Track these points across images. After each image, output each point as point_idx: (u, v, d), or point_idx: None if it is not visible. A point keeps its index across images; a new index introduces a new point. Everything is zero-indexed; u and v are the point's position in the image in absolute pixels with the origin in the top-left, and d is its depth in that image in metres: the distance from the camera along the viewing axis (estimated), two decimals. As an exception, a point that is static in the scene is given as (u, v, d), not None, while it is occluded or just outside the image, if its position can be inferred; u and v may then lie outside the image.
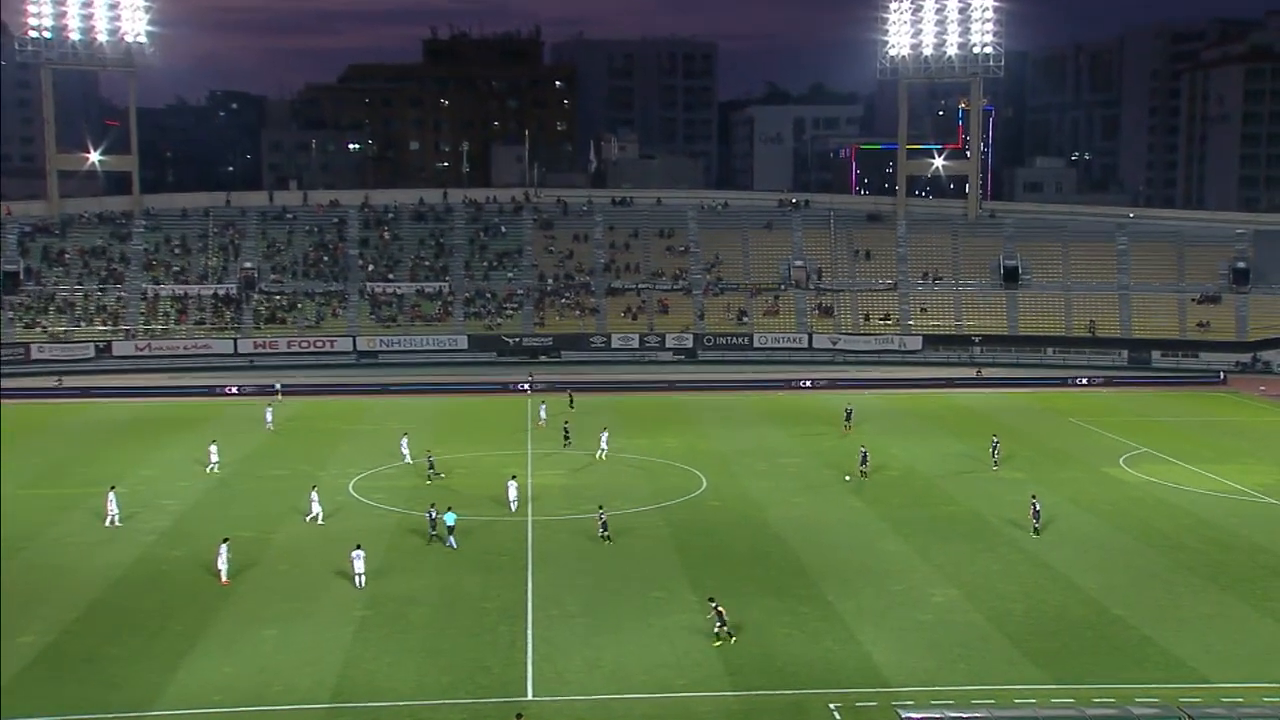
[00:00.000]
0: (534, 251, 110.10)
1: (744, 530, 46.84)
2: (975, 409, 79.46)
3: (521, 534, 45.82)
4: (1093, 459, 61.67)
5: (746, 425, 71.81)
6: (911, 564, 42.04)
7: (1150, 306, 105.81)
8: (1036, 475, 57.39)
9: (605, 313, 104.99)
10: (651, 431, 69.27)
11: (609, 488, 54.06)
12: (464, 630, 35.26)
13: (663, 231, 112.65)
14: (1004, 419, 74.10)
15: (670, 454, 62.07)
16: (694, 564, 41.76)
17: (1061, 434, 69.85)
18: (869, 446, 59.58)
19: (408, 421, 70.93)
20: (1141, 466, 59.61)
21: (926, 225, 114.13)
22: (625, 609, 36.81)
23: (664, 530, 46.74)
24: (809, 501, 51.92)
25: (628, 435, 68.26)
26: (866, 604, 37.59)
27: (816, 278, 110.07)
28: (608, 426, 60.64)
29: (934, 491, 54.05)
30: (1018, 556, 43.16)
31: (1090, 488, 54.98)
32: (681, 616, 36.17)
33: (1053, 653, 33.66)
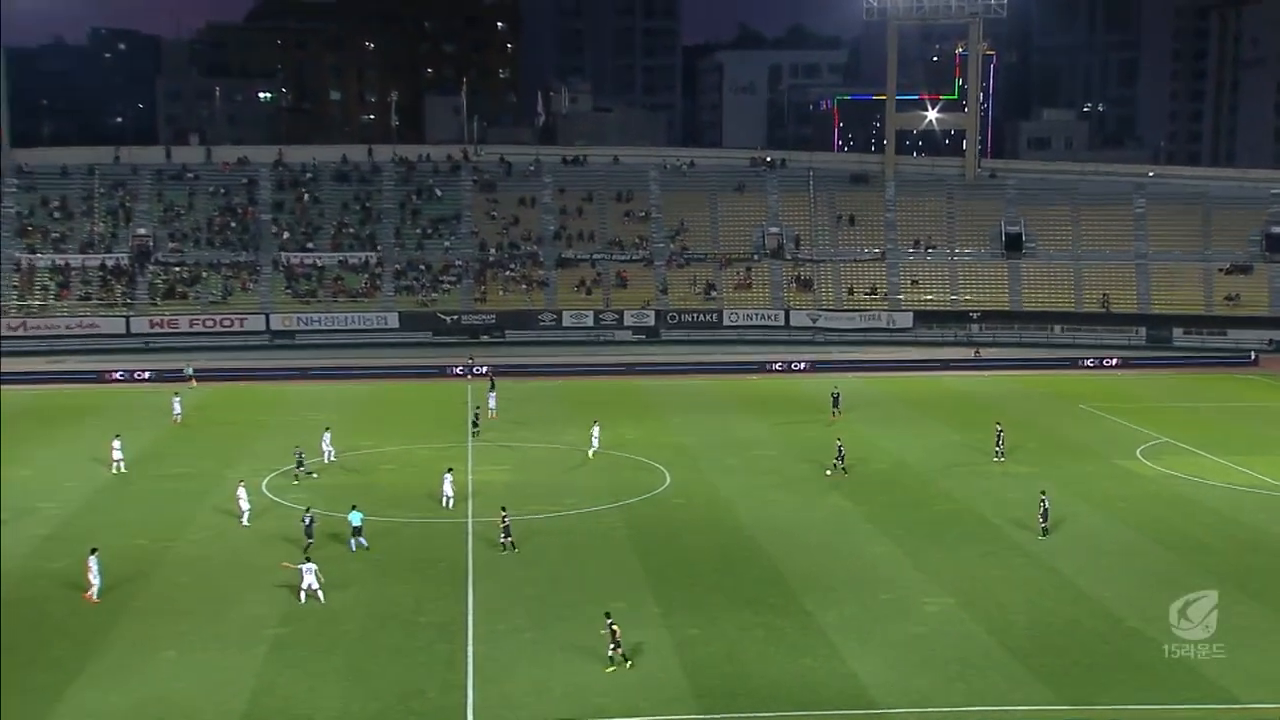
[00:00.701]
0: (474, 217, 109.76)
1: (712, 532, 46.92)
2: (973, 394, 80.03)
3: (461, 538, 45.65)
4: (1106, 450, 62.34)
5: (715, 413, 71.94)
6: (902, 570, 42.30)
7: (1172, 278, 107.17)
8: (1043, 469, 57.92)
9: (555, 287, 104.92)
10: (608, 421, 69.25)
11: (559, 484, 54.03)
12: (394, 649, 35.10)
13: (620, 194, 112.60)
14: (1005, 405, 74.72)
15: (629, 446, 62.03)
16: (657, 571, 41.80)
17: (1071, 422, 70.51)
18: (849, 438, 59.86)
19: (330, 411, 70.47)
20: (1161, 459, 60.33)
21: (918, 187, 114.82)
22: (580, 623, 36.76)
23: (622, 533, 46.77)
24: (786, 500, 52.11)
25: (581, 425, 68.20)
26: (851, 615, 37.78)
27: (794, 246, 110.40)
28: (599, 419, 60.37)
29: (927, 488, 54.40)
30: (1022, 561, 43.55)
31: (1103, 483, 55.58)
32: (644, 631, 36.17)
33: (1062, 670, 33.98)
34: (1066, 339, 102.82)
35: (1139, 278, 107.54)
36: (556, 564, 42.60)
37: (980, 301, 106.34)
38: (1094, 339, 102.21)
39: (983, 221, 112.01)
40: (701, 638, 35.39)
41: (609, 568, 42.25)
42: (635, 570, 41.90)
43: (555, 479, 55.36)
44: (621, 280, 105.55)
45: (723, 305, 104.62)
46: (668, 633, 35.92)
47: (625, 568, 42.18)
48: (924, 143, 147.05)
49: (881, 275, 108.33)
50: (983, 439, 62.09)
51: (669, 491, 53.40)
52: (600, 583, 40.59)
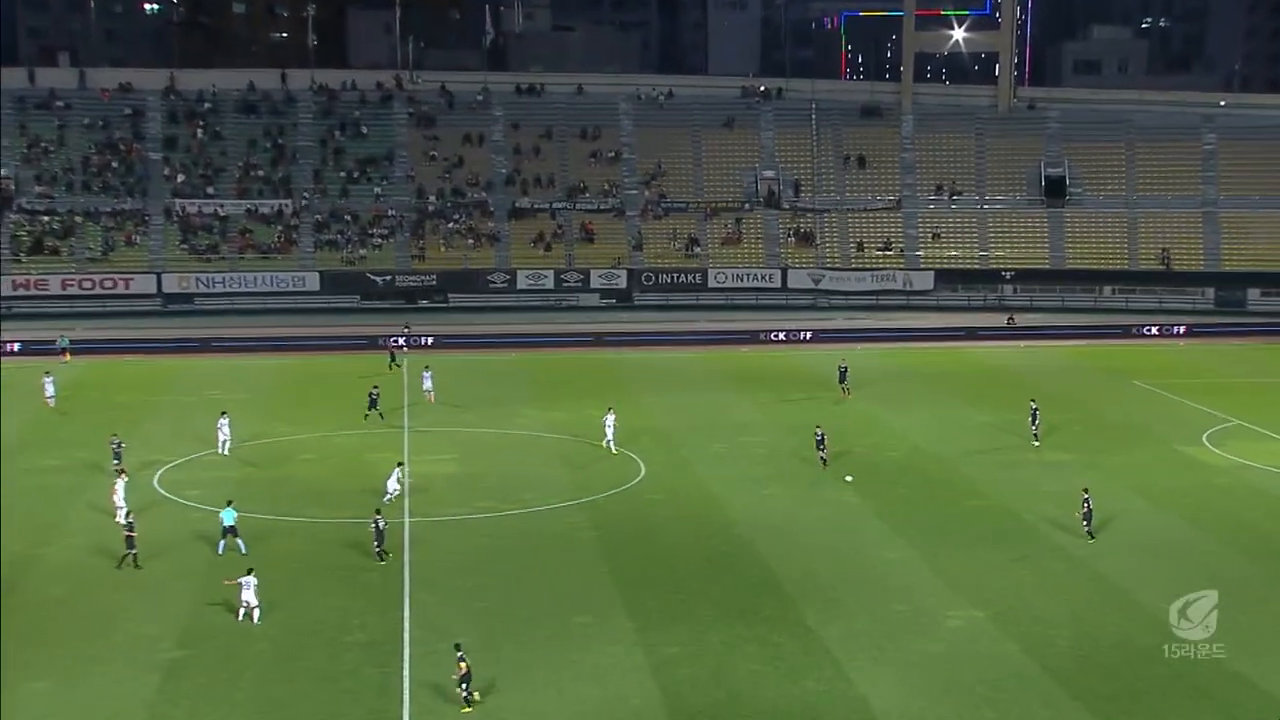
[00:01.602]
0: (409, 158, 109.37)
1: (697, 533, 47.04)
2: (1005, 369, 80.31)
3: (396, 541, 45.70)
4: (1165, 435, 62.74)
5: (699, 392, 71.99)
6: (920, 577, 42.52)
7: (1246, 228, 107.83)
8: (1088, 457, 58.21)
9: (508, 242, 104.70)
10: (571, 401, 69.20)
11: (513, 477, 54.04)
12: (316, 674, 35.07)
13: (585, 131, 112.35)
14: (1044, 382, 75.03)
15: (597, 431, 62.13)
16: (630, 578, 41.89)
17: (1123, 402, 70.88)
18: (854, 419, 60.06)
19: (236, 390, 70.22)
20: (1232, 444, 60.72)
21: (942, 121, 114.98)
22: (538, 640, 36.84)
23: (589, 534, 46.83)
24: (783, 494, 52.25)
25: (540, 406, 68.20)
26: (860, 630, 37.94)
27: (793, 194, 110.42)
28: (613, 407, 60.15)
29: (950, 480, 54.63)
30: (1063, 566, 43.83)
31: (1161, 473, 55.95)
32: (615, 649, 36.27)
33: (1110, 695, 34.24)
34: (1118, 303, 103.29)
35: (1207, 229, 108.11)
36: (510, 571, 42.62)
37: (1015, 259, 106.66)
38: (1152, 303, 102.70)
39: (1019, 163, 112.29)
40: (683, 656, 35.49)
41: (572, 575, 42.30)
42: (604, 578, 41.97)
43: (509, 471, 55.28)
44: (587, 234, 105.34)
45: (708, 264, 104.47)
46: (642, 651, 36.03)
47: (592, 575, 42.24)
48: (949, 68, 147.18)
49: (897, 228, 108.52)
50: (1016, 422, 62.41)
51: (644, 485, 53.47)
52: (562, 592, 40.63)
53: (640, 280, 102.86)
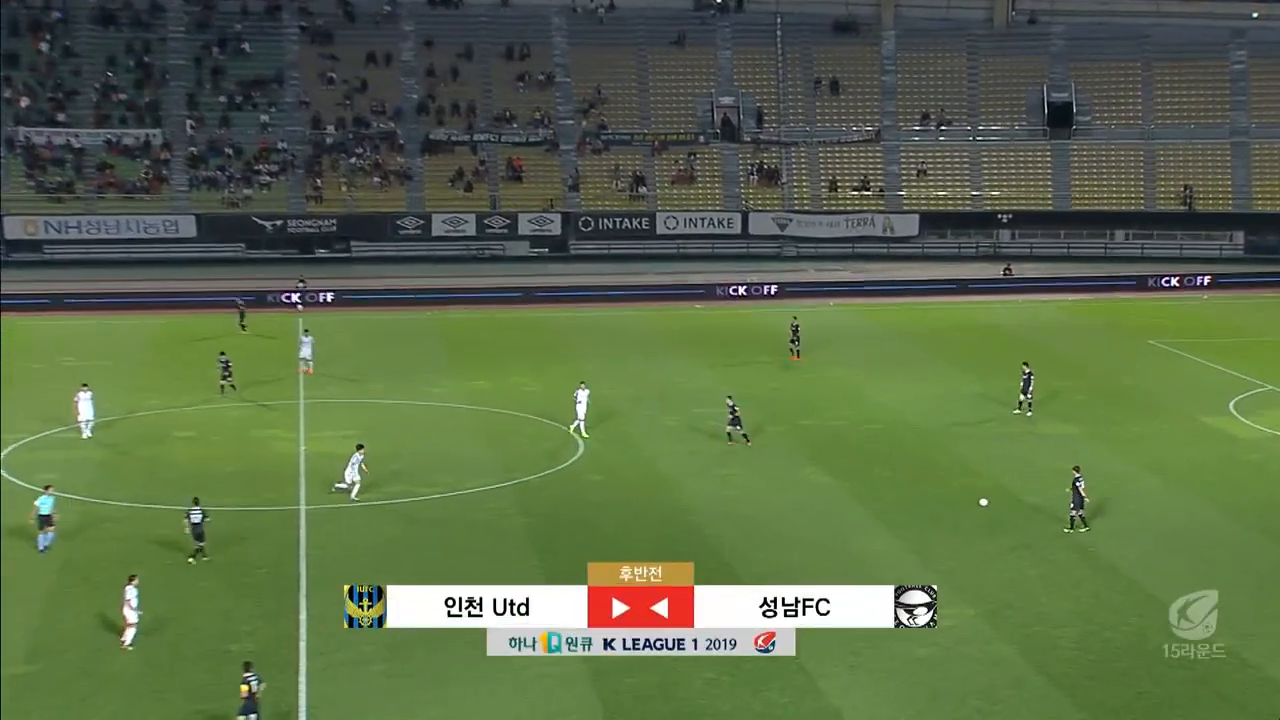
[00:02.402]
0: (302, 81, 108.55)
1: (643, 520, 47.08)
2: (1003, 327, 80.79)
3: (289, 532, 45.47)
4: (1186, 403, 63.30)
5: (646, 356, 72.03)
6: (904, 569, 42.54)
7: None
8: (1097, 429, 58.67)
9: (421, 181, 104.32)
10: (496, 368, 69.07)
11: (428, 456, 53.87)
12: (194, 691, 34.83)
13: (511, 50, 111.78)
14: (1047, 342, 75.54)
15: (527, 402, 62.01)
16: (565, 573, 41.43)
17: (1137, 364, 71.49)
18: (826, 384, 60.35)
19: (97, 356, 69.52)
20: (1263, 414, 61.32)
21: (928, 39, 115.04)
22: (457, 646, 36.65)
23: (517, 521, 46.80)
24: (745, 474, 52.34)
25: (459, 374, 67.98)
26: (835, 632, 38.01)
27: (754, 124, 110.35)
28: (586, 381, 59.65)
29: (938, 457, 54.88)
30: (1068, 556, 44.14)
31: (1182, 447, 56.44)
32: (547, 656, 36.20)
33: (1123, 705, 34.49)
34: (1133, 250, 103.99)
35: (1236, 163, 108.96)
36: (423, 567, 42.32)
37: (1013, 199, 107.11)
38: (1171, 249, 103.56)
39: (1017, 87, 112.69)
40: (627, 663, 35.44)
41: (497, 570, 41.97)
42: (534, 573, 41.82)
43: (422, 449, 55.13)
44: (514, 172, 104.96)
45: (655, 207, 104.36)
46: (580, 659, 35.99)
47: (521, 569, 42.05)
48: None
49: (876, 164, 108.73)
50: (1013, 390, 62.43)
51: (583, 464, 53.49)
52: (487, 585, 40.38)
53: (577, 226, 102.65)
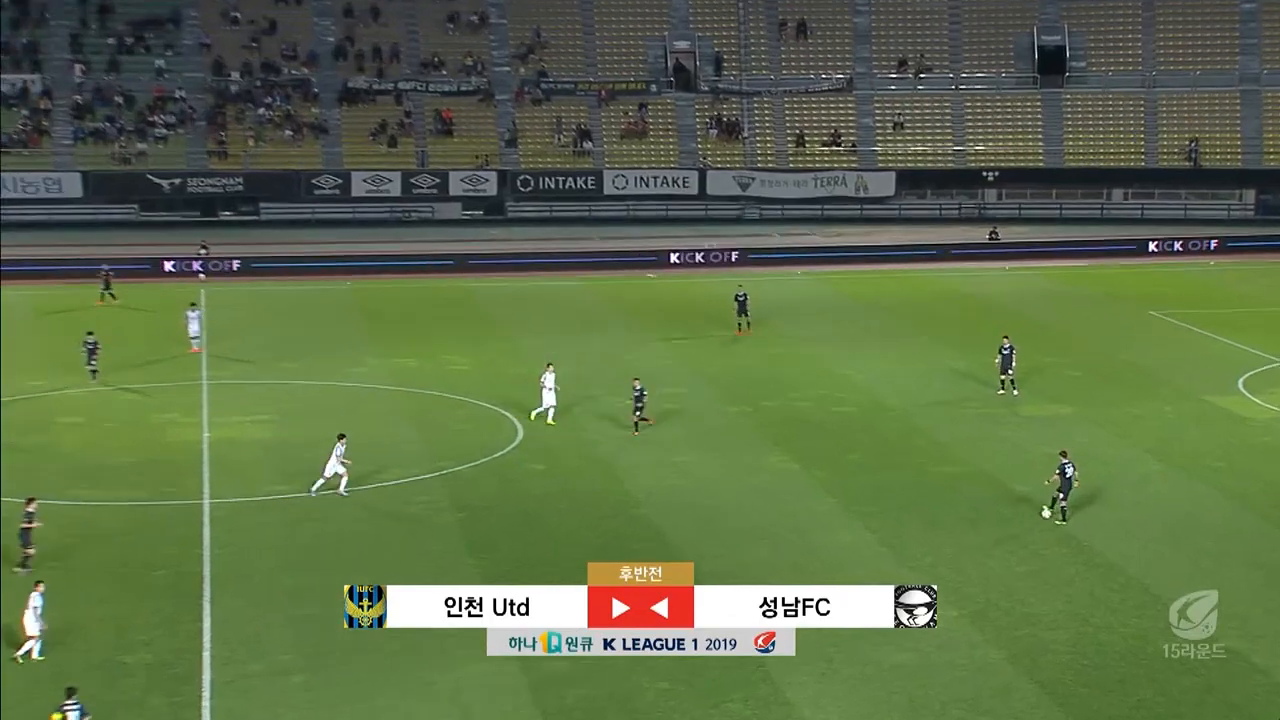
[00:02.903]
0: (203, 20, 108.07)
1: (589, 514, 46.99)
2: (988, 297, 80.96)
3: (192, 529, 45.21)
4: (1191, 380, 63.56)
5: (592, 330, 72.09)
6: (879, 566, 42.67)
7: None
8: (1093, 410, 58.82)
9: (338, 134, 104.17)
10: (424, 344, 69.03)
11: (350, 443, 52.95)
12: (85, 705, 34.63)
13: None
14: (1037, 312, 75.80)
15: (459, 383, 61.91)
16: (503, 574, 41.52)
17: (1137, 338, 71.79)
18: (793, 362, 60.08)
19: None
20: (1274, 392, 61.58)
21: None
22: (383, 656, 36.60)
23: (449, 517, 46.68)
24: (704, 462, 52.33)
25: (383, 350, 67.90)
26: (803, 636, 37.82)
27: (713, 71, 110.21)
28: (553, 362, 59.32)
29: (916, 441, 54.99)
30: (1060, 551, 44.17)
31: (1186, 430, 56.67)
32: (484, 665, 35.89)
33: (1122, 716, 34.48)
34: (1132, 210, 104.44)
35: (1246, 113, 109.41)
36: (345, 567, 42.11)
37: (1000, 155, 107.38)
38: (1175, 210, 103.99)
39: (1005, 29, 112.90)
40: (574, 672, 35.38)
41: (427, 570, 41.87)
42: (468, 572, 41.69)
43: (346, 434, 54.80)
44: (444, 125, 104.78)
45: (603, 164, 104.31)
46: (520, 669, 35.89)
47: (453, 569, 41.94)
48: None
49: (848, 115, 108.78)
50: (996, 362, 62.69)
51: (522, 452, 53.37)
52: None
53: (515, 185, 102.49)
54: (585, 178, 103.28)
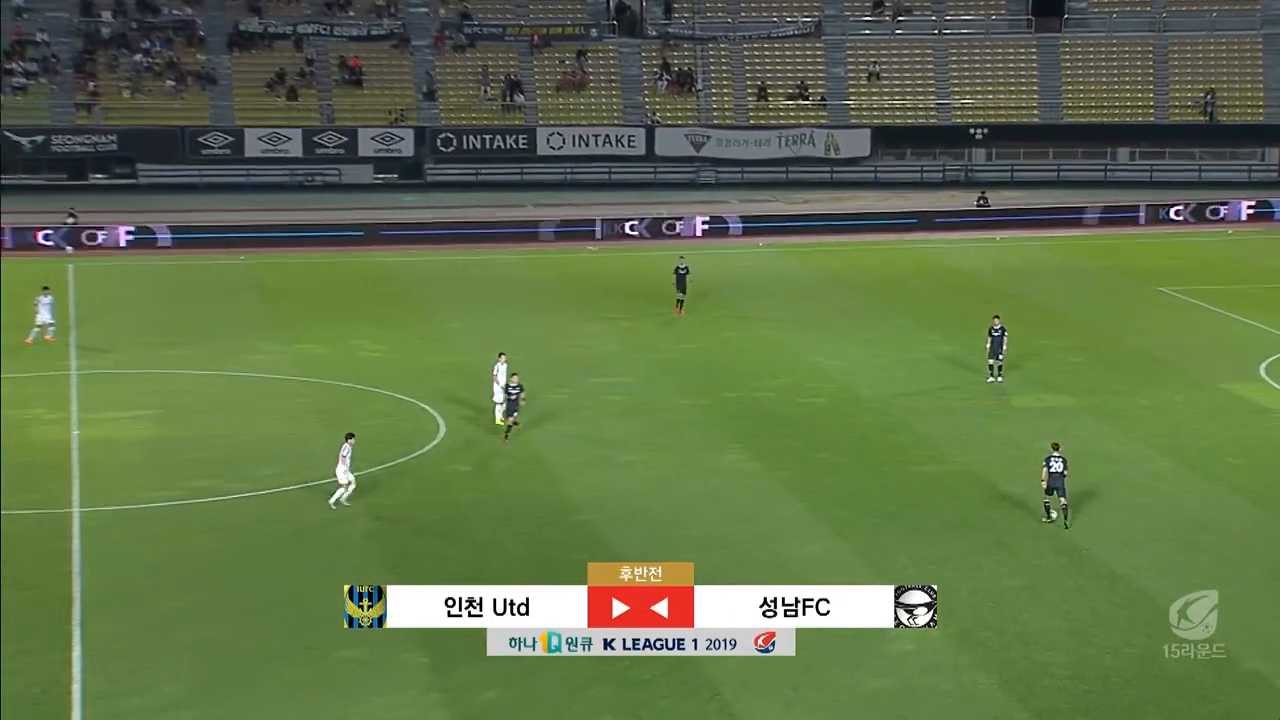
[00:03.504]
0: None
1: (523, 522, 46.83)
2: (976, 272, 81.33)
3: (62, 543, 44.89)
4: (1207, 366, 63.82)
5: (526, 312, 72.13)
6: (852, 579, 42.47)
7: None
8: (1095, 399, 59.09)
9: (229, 86, 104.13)
10: (332, 327, 69.05)
11: (244, 443, 53.64)
12: (-61, 747, 34.39)
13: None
14: (1032, 290, 76.10)
15: (372, 372, 61.90)
16: (423, 594, 41.55)
17: (1146, 318, 72.11)
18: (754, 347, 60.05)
19: None
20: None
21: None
22: (283, 687, 36.45)
23: (360, 526, 46.45)
24: (653, 463, 52.31)
25: (283, 335, 67.90)
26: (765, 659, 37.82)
27: (662, 14, 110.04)
28: (505, 352, 58.90)
29: (895, 437, 55.06)
30: (1057, 561, 44.16)
31: (1199, 422, 56.85)
32: (400, 695, 36.02)
33: (1129, 749, 34.76)
34: (1139, 172, 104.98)
35: (1269, 61, 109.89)
36: (240, 585, 42.05)
37: (989, 110, 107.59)
38: (1188, 171, 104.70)
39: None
40: (504, 703, 35.37)
41: (337, 587, 41.46)
42: (383, 591, 41.61)
43: (236, 433, 54.78)
44: (352, 74, 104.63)
45: (536, 120, 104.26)
46: (442, 698, 35.86)
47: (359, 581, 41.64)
48: None
49: (817, 65, 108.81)
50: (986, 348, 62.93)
51: (444, 450, 53.34)
52: (321, 613, 39.64)
53: (435, 145, 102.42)
54: (516, 136, 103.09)
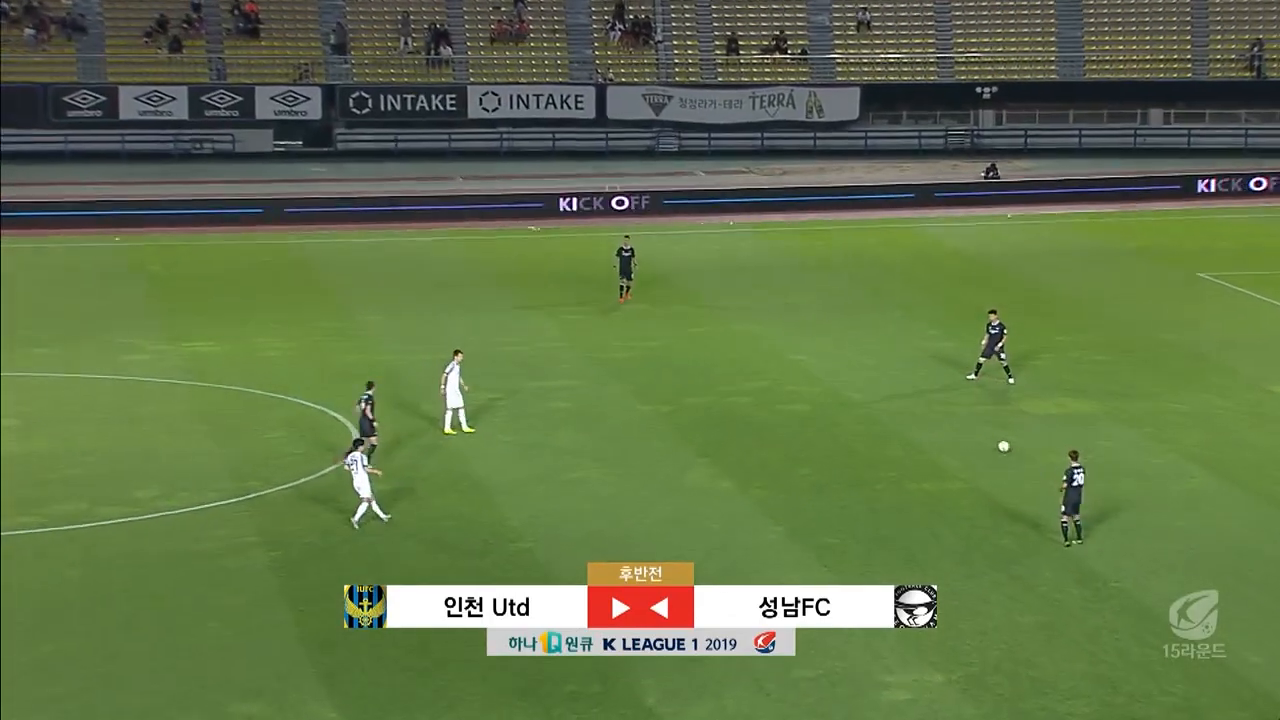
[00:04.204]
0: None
1: (450, 551, 46.85)
2: (985, 256, 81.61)
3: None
4: (1252, 364, 64.20)
5: (456, 303, 72.59)
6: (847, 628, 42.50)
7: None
8: (1123, 403, 59.32)
9: (99, 35, 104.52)
10: (226, 323, 69.25)
11: (125, 457, 53.64)
12: None
13: None
14: (1048, 276, 76.52)
15: (273, 374, 62.12)
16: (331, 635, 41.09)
17: (1182, 308, 72.51)
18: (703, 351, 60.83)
19: None
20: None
21: None
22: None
23: (258, 558, 46.26)
24: (606, 480, 52.33)
25: (168, 332, 67.99)
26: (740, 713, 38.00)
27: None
28: (460, 350, 58.83)
29: (888, 449, 55.14)
30: (1079, 595, 44.20)
31: (1245, 430, 57.05)
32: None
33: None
34: (1175, 137, 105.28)
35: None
36: (116, 629, 41.84)
37: (999, 65, 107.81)
38: (1232, 135, 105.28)
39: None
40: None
41: (230, 629, 41.64)
42: (286, 633, 41.51)
43: (113, 447, 54.58)
44: (248, 21, 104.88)
45: (466, 77, 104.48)
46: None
47: (264, 628, 41.71)
48: None
49: (796, 12, 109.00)
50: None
51: (355, 467, 52.97)
52: (211, 660, 39.99)
53: (346, 106, 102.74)
54: (442, 97, 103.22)
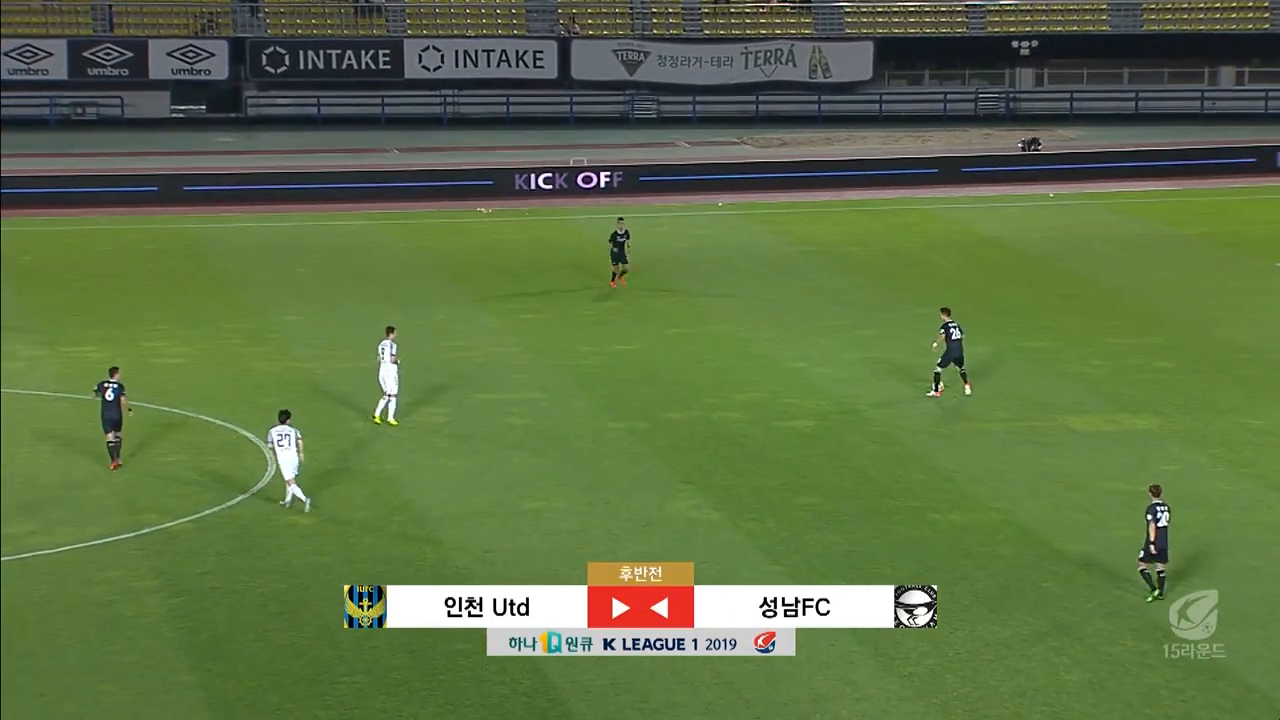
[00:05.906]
0: None
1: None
2: (1021, 243, 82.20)
3: None
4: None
5: (388, 299, 73.24)
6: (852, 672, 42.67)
7: None
8: (1189, 420, 59.69)
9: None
10: (115, 322, 69.94)
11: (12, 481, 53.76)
12: None
13: None
14: (1097, 268, 77.00)
15: (170, 385, 62.51)
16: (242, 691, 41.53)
17: (1257, 306, 73.17)
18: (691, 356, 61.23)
19: None
20: None
21: None
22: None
23: (153, 605, 46.36)
24: (569, 509, 52.61)
25: (45, 335, 68.32)
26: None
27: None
28: (395, 327, 59.07)
29: (907, 473, 55.50)
30: (1135, 648, 44.28)
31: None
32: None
33: None
34: (1249, 101, 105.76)
35: None
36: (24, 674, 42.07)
37: (1040, 14, 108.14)
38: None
39: None
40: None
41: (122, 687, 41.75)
42: (188, 693, 41.68)
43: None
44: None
45: (403, 31, 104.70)
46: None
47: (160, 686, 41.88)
48: None
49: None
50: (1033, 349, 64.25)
51: (274, 496, 53.24)
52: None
53: (259, 64, 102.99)
54: (374, 53, 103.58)
